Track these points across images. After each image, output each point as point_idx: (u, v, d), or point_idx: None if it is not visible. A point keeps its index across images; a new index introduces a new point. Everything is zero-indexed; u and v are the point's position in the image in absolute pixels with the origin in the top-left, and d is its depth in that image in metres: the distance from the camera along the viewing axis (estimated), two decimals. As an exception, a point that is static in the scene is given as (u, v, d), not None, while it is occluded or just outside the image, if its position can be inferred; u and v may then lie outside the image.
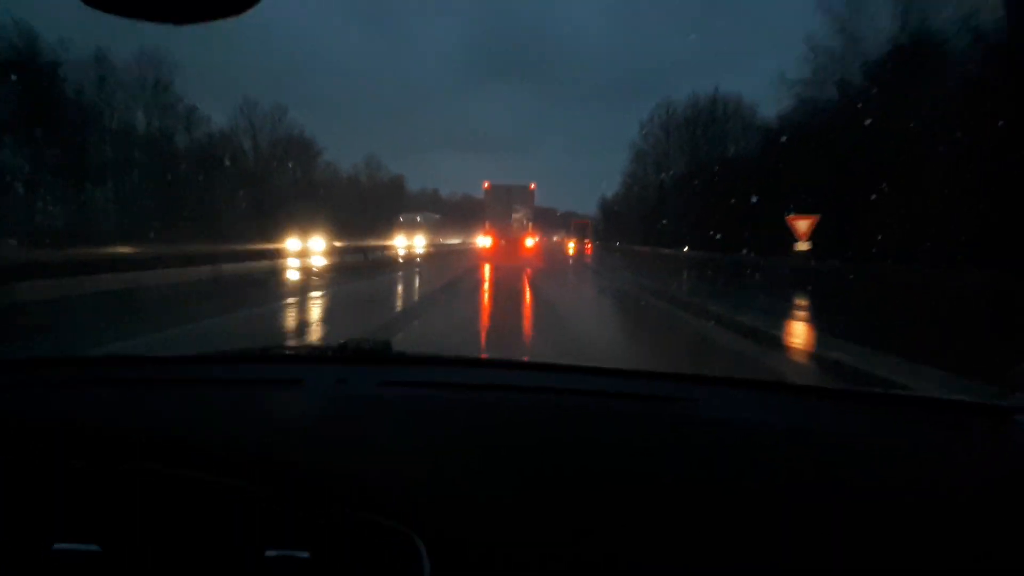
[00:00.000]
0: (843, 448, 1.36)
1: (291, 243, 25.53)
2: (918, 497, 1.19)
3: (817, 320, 10.64)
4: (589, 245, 44.67)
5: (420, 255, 33.59)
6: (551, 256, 35.61)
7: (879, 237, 14.18)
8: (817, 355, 8.11)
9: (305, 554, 1.15)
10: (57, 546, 1.18)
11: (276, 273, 19.20)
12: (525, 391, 1.59)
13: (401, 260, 29.23)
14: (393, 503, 1.19)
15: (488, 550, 1.15)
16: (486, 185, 28.36)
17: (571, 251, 43.39)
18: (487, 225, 27.63)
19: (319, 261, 24.78)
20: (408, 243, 36.43)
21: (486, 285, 18.54)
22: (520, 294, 16.00)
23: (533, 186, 28.75)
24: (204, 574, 1.18)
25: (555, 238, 51.69)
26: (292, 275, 19.50)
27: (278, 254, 22.53)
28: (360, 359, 1.72)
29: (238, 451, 1.32)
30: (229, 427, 1.42)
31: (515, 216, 27.62)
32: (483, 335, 9.54)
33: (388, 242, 35.67)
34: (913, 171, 12.56)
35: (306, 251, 25.77)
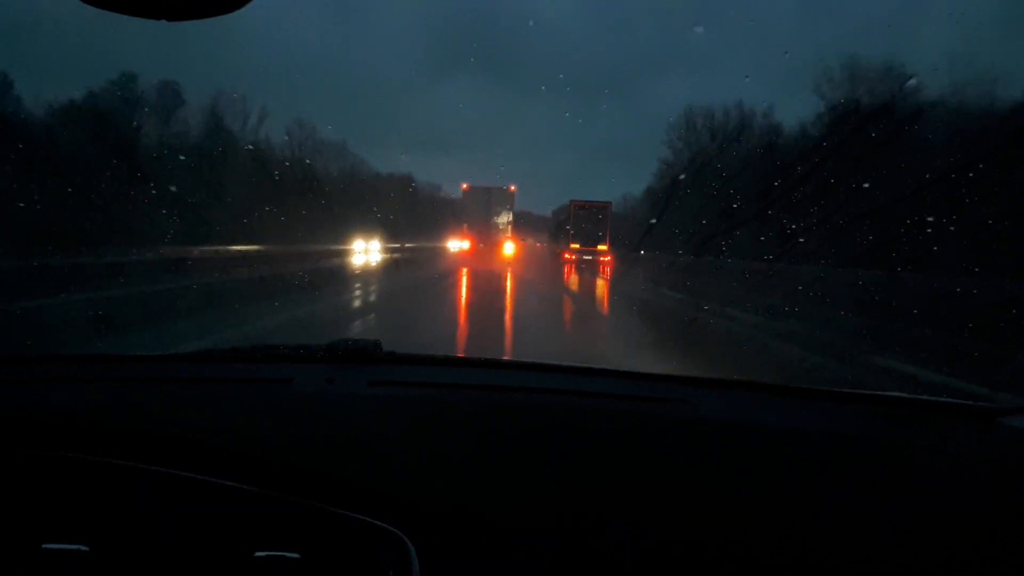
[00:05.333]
0: (832, 447, 1.43)
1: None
2: (903, 496, 1.26)
3: None
4: (608, 257, 29.25)
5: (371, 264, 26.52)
6: (541, 270, 27.65)
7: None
8: None
9: (295, 555, 1.18)
10: (46, 546, 1.20)
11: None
12: (516, 391, 1.64)
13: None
14: (383, 503, 1.24)
15: (478, 549, 1.20)
16: (464, 186, 28.18)
17: (567, 268, 28.44)
18: (465, 228, 27.41)
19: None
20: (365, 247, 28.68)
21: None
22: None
23: (513, 188, 28.54)
24: (193, 574, 1.20)
25: (538, 244, 42.06)
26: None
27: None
28: (350, 359, 1.75)
29: (227, 450, 1.36)
30: (218, 426, 1.45)
31: (495, 220, 27.40)
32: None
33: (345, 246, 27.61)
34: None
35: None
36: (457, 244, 33.46)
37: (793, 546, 1.18)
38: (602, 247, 30.01)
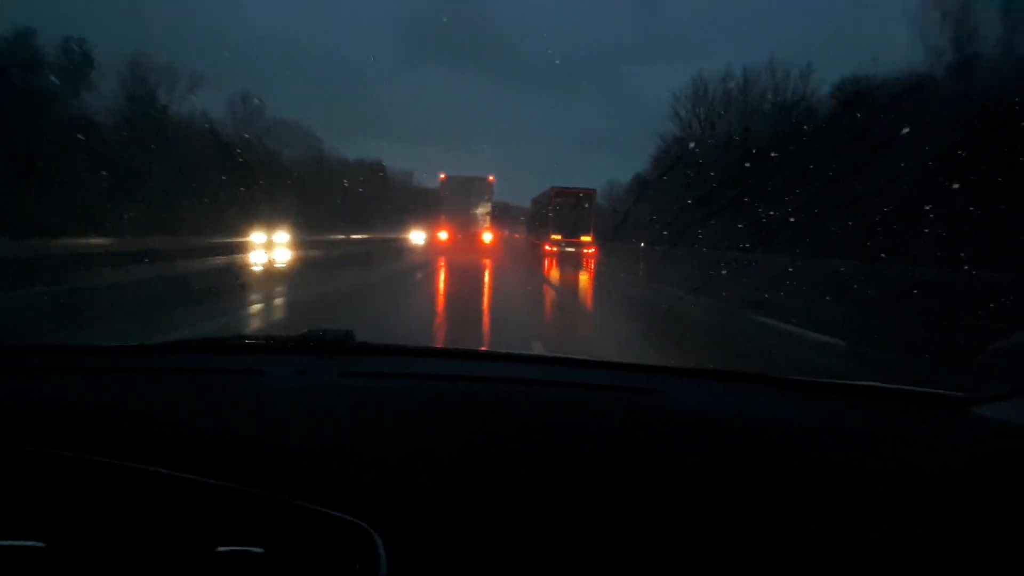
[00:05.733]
0: (805, 437, 1.44)
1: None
2: (876, 486, 1.27)
3: None
4: (592, 249, 27.00)
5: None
6: (520, 264, 24.82)
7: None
8: None
9: (259, 550, 1.16)
10: None
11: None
12: (490, 382, 1.64)
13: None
14: (355, 497, 1.22)
15: (451, 543, 1.19)
16: (442, 176, 28.06)
17: (548, 262, 26.19)
18: (442, 219, 27.31)
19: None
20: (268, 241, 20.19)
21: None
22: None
23: (492, 178, 28.45)
24: (153, 570, 1.18)
25: (515, 235, 38.91)
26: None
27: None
28: (322, 349, 1.73)
29: (193, 443, 1.34)
30: (184, 418, 1.43)
31: (473, 211, 27.31)
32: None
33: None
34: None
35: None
36: (419, 236, 31.88)
37: (767, 536, 1.19)
38: (586, 238, 27.57)
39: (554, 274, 22.34)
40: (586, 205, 28.23)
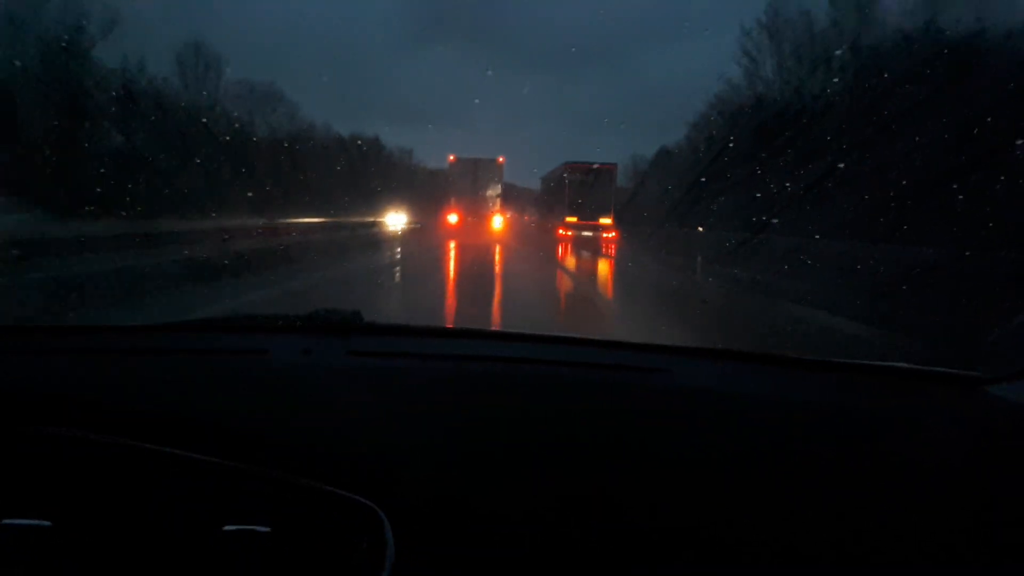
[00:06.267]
0: (815, 416, 1.47)
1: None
2: (887, 466, 1.29)
3: None
4: (612, 233, 23.91)
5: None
6: (533, 250, 22.66)
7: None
8: None
9: (265, 528, 1.18)
10: (6, 521, 1.19)
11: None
12: (498, 361, 1.66)
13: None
14: (360, 476, 1.25)
15: (456, 524, 1.22)
16: (451, 158, 27.91)
17: (562, 248, 23.43)
18: (452, 201, 27.20)
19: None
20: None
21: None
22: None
23: (502, 160, 28.14)
24: (159, 550, 1.21)
25: (525, 217, 35.69)
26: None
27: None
28: (329, 329, 1.76)
29: (198, 422, 1.37)
30: (190, 398, 1.47)
31: (483, 193, 27.17)
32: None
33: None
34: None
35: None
36: (398, 220, 28.52)
37: (775, 516, 1.19)
38: (605, 220, 24.33)
39: (570, 261, 20.45)
40: (606, 182, 25.31)
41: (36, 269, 9.51)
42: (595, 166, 25.37)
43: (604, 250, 22.74)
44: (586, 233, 24.39)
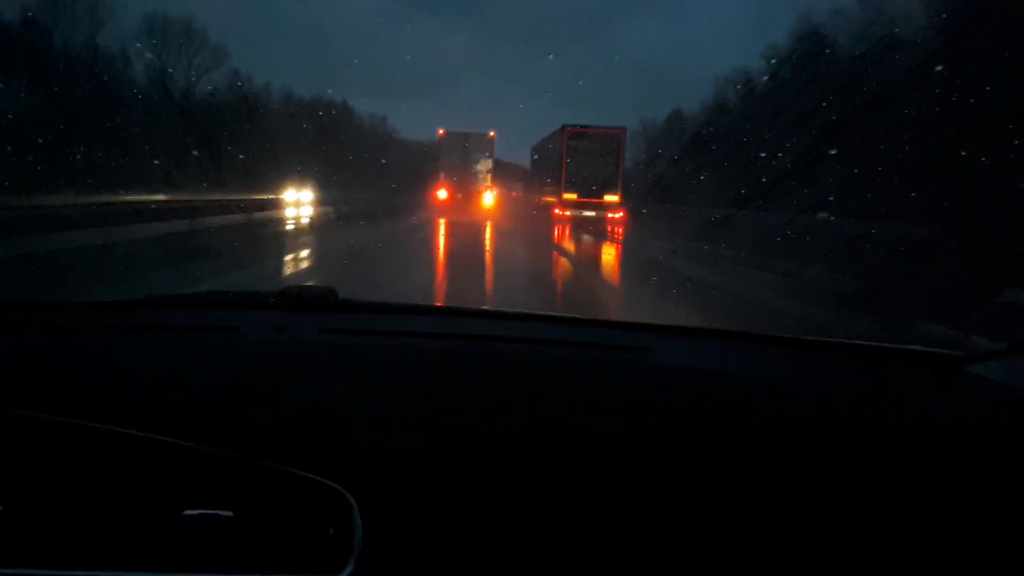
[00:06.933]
0: (795, 394, 1.50)
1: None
2: (867, 446, 1.31)
3: None
4: (620, 213, 20.86)
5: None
6: (528, 231, 20.33)
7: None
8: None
9: (228, 513, 1.18)
10: None
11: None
12: (476, 339, 1.68)
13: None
14: (328, 459, 1.25)
15: (429, 508, 1.22)
16: (440, 132, 27.73)
17: (559, 231, 20.67)
18: (441, 176, 27.02)
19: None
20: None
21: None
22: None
23: (493, 134, 27.93)
24: (116, 535, 1.20)
25: (512, 193, 33.07)
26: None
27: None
28: (303, 306, 1.76)
29: (162, 402, 1.35)
30: (154, 376, 1.46)
31: (474, 168, 26.99)
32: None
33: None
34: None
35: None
36: (304, 199, 21.85)
37: (754, 496, 1.20)
38: (611, 197, 20.61)
39: (569, 246, 17.42)
40: (612, 151, 21.16)
41: None
42: (601, 131, 21.39)
43: (612, 234, 19.46)
44: (588, 213, 20.92)
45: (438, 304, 5.01)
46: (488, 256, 14.10)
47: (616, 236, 19.06)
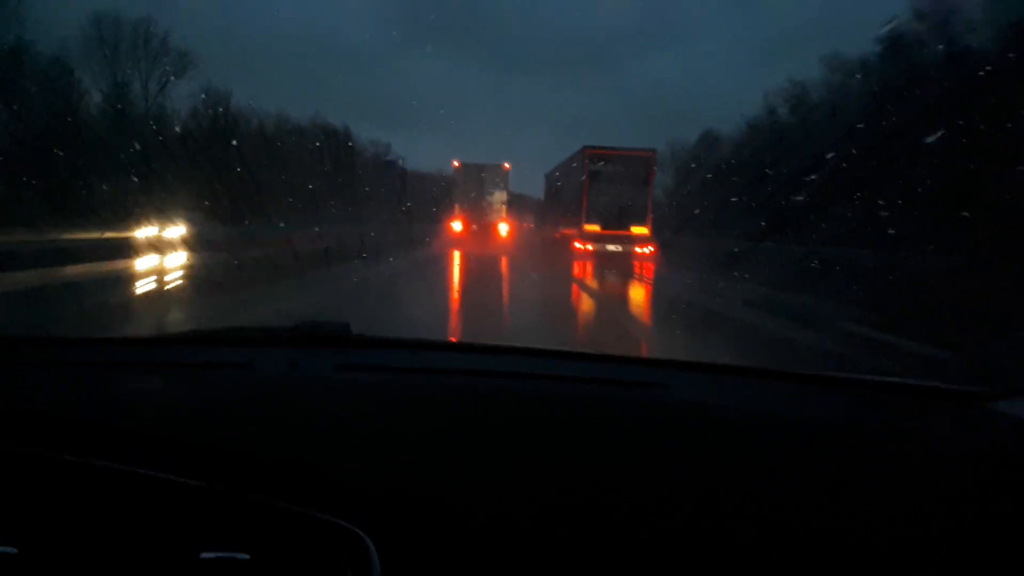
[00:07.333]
0: (813, 433, 1.50)
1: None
2: (888, 484, 1.31)
3: None
4: (649, 248, 18.57)
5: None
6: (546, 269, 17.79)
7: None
8: None
9: (244, 556, 1.18)
10: None
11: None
12: (492, 376, 1.69)
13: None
14: (345, 497, 1.26)
15: (447, 546, 1.21)
16: (456, 164, 28.02)
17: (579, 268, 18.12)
18: (456, 208, 27.22)
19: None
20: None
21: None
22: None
23: (507, 166, 28.20)
24: None
25: (524, 224, 32.05)
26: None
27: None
28: (316, 342, 1.78)
29: (177, 440, 1.37)
30: (168, 414, 1.48)
31: (488, 200, 27.16)
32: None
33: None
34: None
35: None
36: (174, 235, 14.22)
37: (772, 532, 1.20)
38: (639, 229, 18.22)
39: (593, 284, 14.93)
40: (640, 176, 18.85)
41: None
42: (628, 153, 19.20)
43: (639, 272, 17.01)
44: (612, 247, 18.56)
45: (453, 340, 4.99)
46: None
47: (645, 274, 16.94)
